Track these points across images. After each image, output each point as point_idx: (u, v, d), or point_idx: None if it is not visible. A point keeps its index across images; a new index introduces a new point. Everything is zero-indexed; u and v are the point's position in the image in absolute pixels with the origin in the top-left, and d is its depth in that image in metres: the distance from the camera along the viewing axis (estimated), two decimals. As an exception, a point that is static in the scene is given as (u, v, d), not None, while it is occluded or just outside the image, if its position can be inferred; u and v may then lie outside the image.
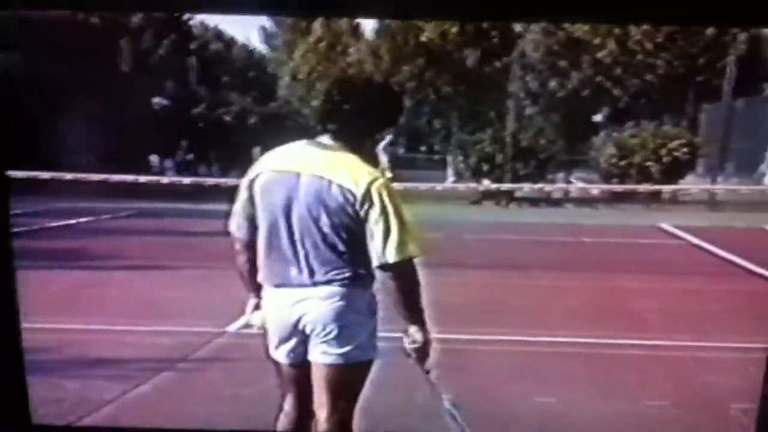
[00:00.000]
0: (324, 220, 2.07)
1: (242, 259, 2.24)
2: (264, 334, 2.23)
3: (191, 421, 3.01)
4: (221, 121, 13.38)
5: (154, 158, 13.41)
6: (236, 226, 2.23)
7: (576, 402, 3.34)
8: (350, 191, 2.05)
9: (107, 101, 12.06)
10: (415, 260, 2.09)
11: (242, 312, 3.43)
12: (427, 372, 2.19)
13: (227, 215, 2.25)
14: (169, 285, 5.63)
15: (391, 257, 2.06)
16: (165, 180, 11.60)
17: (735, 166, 12.69)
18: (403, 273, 2.08)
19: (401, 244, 2.06)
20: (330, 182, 2.06)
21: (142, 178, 11.01)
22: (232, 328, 4.33)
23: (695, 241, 8.03)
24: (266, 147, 2.31)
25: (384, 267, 2.06)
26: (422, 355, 2.15)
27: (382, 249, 2.06)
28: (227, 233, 2.26)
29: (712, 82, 13.26)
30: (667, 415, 3.26)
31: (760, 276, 6.00)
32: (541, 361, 3.97)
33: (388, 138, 12.59)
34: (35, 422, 1.75)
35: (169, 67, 14.35)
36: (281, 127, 13.48)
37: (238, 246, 2.23)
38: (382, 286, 2.11)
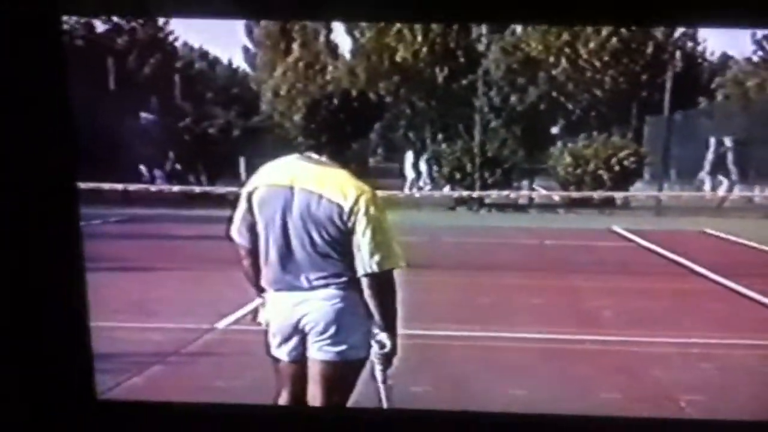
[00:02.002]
0: (315, 232, 2.14)
1: (246, 264, 2.31)
2: (266, 331, 2.30)
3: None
4: (206, 133, 13.83)
5: (142, 168, 13.85)
6: (237, 233, 2.29)
7: (541, 394, 3.45)
8: (339, 204, 2.12)
9: (97, 116, 12.43)
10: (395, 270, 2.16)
11: (230, 309, 3.78)
12: (385, 381, 2.24)
13: (216, 220, 2.38)
14: (160, 285, 5.76)
15: (376, 267, 2.13)
16: (153, 188, 12.04)
17: (676, 173, 13.75)
18: (384, 282, 2.15)
19: (386, 256, 2.14)
20: (320, 196, 2.13)
21: (132, 186, 11.42)
22: (222, 324, 4.52)
23: (644, 243, 8.63)
24: (251, 157, 2.60)
25: (369, 276, 2.14)
26: (387, 362, 2.23)
27: (368, 259, 2.12)
28: (216, 237, 2.38)
29: (654, 97, 14.59)
30: (621, 407, 3.38)
31: (702, 275, 6.52)
32: (509, 356, 4.11)
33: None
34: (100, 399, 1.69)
35: (155, 84, 14.74)
36: (264, 140, 14.02)
37: (241, 252, 2.31)
38: (364, 293, 2.16)
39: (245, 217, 2.26)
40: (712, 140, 13.14)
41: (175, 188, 12.22)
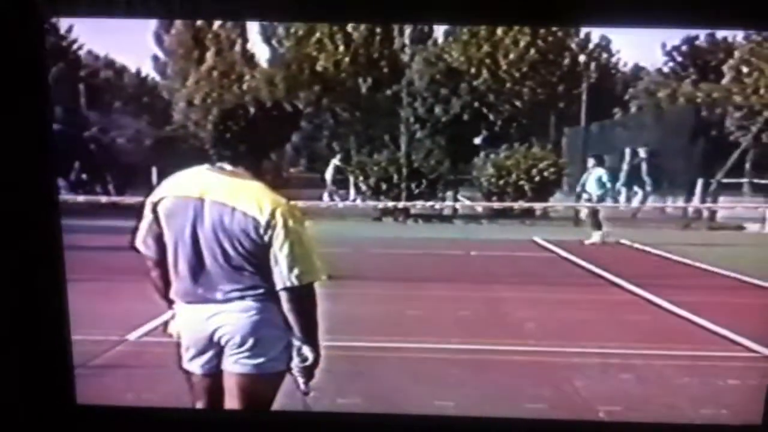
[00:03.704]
0: (228, 245, 2.09)
1: (154, 275, 2.26)
2: (178, 344, 2.25)
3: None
4: (114, 143, 13.34)
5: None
6: (143, 244, 2.23)
7: (467, 405, 3.53)
8: (254, 218, 2.07)
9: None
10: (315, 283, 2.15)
11: (141, 321, 3.76)
12: (306, 393, 2.22)
13: (124, 231, 2.31)
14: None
15: (296, 281, 2.09)
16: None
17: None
18: (305, 296, 2.12)
19: (305, 269, 2.10)
20: (233, 209, 2.08)
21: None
22: (133, 336, 4.46)
23: (563, 254, 8.82)
24: (163, 168, 2.60)
25: (288, 290, 2.10)
26: (309, 374, 2.21)
27: (287, 273, 2.08)
28: (125, 248, 2.30)
29: (571, 108, 15.06)
30: (544, 416, 3.44)
31: (619, 286, 6.70)
32: (436, 367, 4.15)
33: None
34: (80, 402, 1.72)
35: (58, 93, 14.06)
36: (178, 149, 13.62)
37: (148, 263, 2.25)
38: (283, 306, 2.13)
39: (151, 227, 2.20)
40: (627, 151, 13.60)
41: (80, 198, 11.77)
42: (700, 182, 12.80)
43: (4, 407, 1.57)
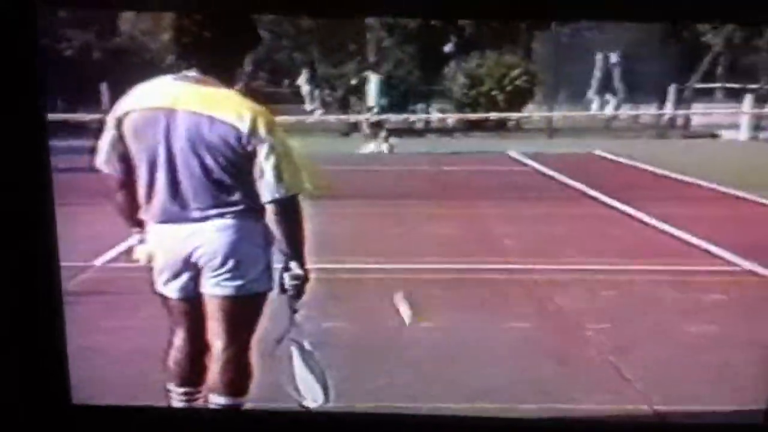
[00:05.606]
0: (207, 157, 1.98)
1: (119, 197, 2.12)
2: (149, 268, 2.14)
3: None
4: (61, 56, 12.56)
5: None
6: (107, 163, 2.09)
7: (452, 325, 3.51)
8: (234, 126, 1.96)
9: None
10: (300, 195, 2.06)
11: (105, 246, 3.56)
12: (295, 311, 2.18)
13: (77, 151, 2.20)
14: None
15: (284, 192, 2.01)
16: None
17: (566, 94, 13.84)
18: (292, 208, 2.05)
19: (293, 180, 2.03)
20: (211, 118, 1.97)
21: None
22: (99, 261, 4.34)
23: (538, 167, 8.77)
24: (113, 82, 2.47)
25: (276, 202, 2.02)
26: (299, 291, 2.14)
27: (274, 185, 2.00)
28: (78, 169, 2.19)
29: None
30: (530, 336, 3.43)
31: (597, 200, 6.63)
32: (417, 287, 4.04)
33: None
34: (76, 402, 1.69)
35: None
36: (128, 63, 12.90)
37: (112, 183, 2.11)
38: (269, 220, 2.06)
39: (115, 145, 2.06)
40: (599, 57, 13.31)
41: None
42: (672, 88, 12.66)
43: None
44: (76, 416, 1.62)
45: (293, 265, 2.10)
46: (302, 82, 12.89)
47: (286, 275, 2.11)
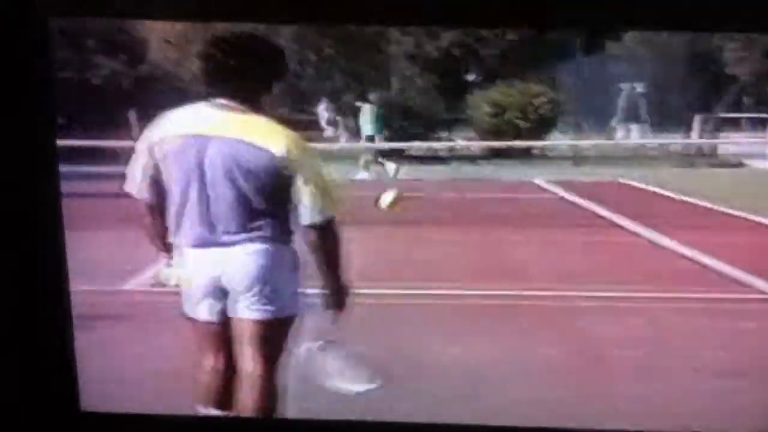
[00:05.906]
0: (242, 183, 2.01)
1: (149, 221, 2.16)
2: (178, 292, 2.16)
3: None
4: (89, 84, 12.88)
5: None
6: (138, 188, 2.13)
7: (480, 352, 3.45)
8: (270, 152, 1.99)
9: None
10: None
11: (133, 270, 3.39)
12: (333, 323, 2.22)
13: (104, 177, 2.29)
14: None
15: (322, 217, 2.06)
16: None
17: (591, 122, 13.90)
18: (331, 231, 2.09)
19: (328, 204, 2.06)
20: (247, 144, 2.00)
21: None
22: (128, 286, 4.31)
23: (563, 194, 8.75)
24: (144, 109, 2.48)
25: (314, 227, 2.06)
26: (341, 308, 2.20)
27: (312, 209, 2.04)
28: (108, 195, 2.28)
29: (567, 41, 14.56)
30: (557, 362, 3.39)
31: (623, 228, 6.59)
32: (444, 313, 4.09)
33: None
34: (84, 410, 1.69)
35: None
36: (156, 90, 13.16)
37: (143, 208, 2.15)
38: (307, 244, 2.10)
39: (147, 170, 2.09)
40: (624, 86, 13.29)
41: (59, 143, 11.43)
42: (698, 117, 12.58)
43: (4, 412, 1.55)
44: (84, 423, 1.62)
45: (336, 284, 2.16)
46: (321, 110, 13.04)
47: (326, 291, 2.16)
